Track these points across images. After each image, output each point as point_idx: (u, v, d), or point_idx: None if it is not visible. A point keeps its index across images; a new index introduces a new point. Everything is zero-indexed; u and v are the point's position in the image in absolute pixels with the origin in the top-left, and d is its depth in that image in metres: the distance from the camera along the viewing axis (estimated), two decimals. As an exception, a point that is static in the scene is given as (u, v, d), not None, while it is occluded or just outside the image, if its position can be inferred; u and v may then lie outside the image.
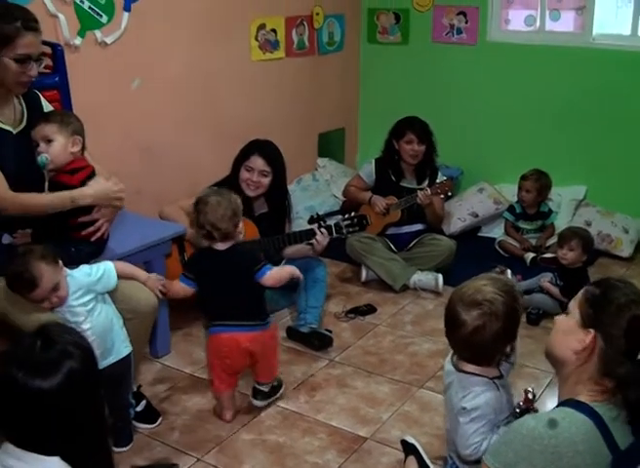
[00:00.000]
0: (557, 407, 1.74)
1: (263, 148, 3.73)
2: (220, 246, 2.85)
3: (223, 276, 2.85)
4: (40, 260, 2.38)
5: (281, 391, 3.15)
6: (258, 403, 3.09)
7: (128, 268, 2.74)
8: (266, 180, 3.69)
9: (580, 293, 1.80)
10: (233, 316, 2.87)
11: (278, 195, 3.80)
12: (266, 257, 3.02)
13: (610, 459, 1.60)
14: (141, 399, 2.96)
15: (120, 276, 2.65)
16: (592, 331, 1.70)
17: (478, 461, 1.82)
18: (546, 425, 1.60)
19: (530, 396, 2.04)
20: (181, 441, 2.86)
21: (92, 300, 2.56)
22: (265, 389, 3.09)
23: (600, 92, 4.91)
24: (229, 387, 3.00)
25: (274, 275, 2.92)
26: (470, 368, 2.02)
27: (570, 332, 1.76)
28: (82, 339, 1.69)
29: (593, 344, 1.70)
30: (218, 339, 2.89)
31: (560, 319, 1.85)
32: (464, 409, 1.95)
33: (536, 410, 2.02)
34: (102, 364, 2.56)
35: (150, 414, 2.97)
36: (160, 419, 2.97)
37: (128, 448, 2.77)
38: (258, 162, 3.68)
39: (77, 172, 2.66)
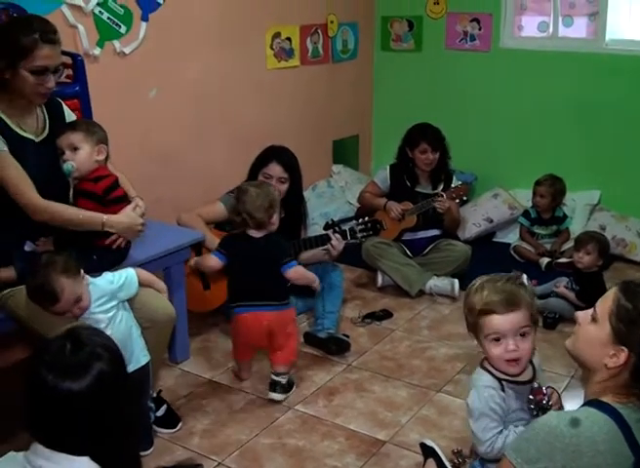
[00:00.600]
0: (581, 406, 1.75)
1: (281, 155, 3.77)
2: (255, 233, 3.15)
3: (254, 260, 3.13)
4: (61, 274, 2.39)
5: (294, 389, 3.26)
6: (276, 396, 3.18)
7: (146, 275, 2.78)
8: (284, 187, 3.72)
9: (609, 302, 1.75)
10: (256, 296, 3.13)
11: (295, 201, 3.82)
12: None
13: (632, 461, 1.60)
14: (162, 404, 2.99)
15: (139, 283, 2.68)
16: (625, 349, 1.69)
17: (498, 460, 1.84)
18: (569, 424, 1.61)
19: (535, 385, 2.03)
20: (202, 445, 2.89)
21: (114, 307, 2.59)
22: (283, 380, 3.20)
23: (613, 97, 4.92)
24: (248, 357, 3.34)
25: (299, 271, 3.24)
26: (486, 363, 2.03)
27: (601, 345, 1.74)
28: (110, 341, 1.72)
29: (626, 362, 1.69)
30: (241, 319, 3.15)
31: (586, 324, 1.81)
32: (467, 405, 1.97)
33: (548, 404, 2.00)
34: None
35: (171, 419, 3.00)
36: (180, 424, 3.00)
37: (149, 451, 2.80)
38: (276, 169, 3.71)
39: (101, 179, 2.71)
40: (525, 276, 4.16)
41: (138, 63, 3.87)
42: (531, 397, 2.01)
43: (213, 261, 3.22)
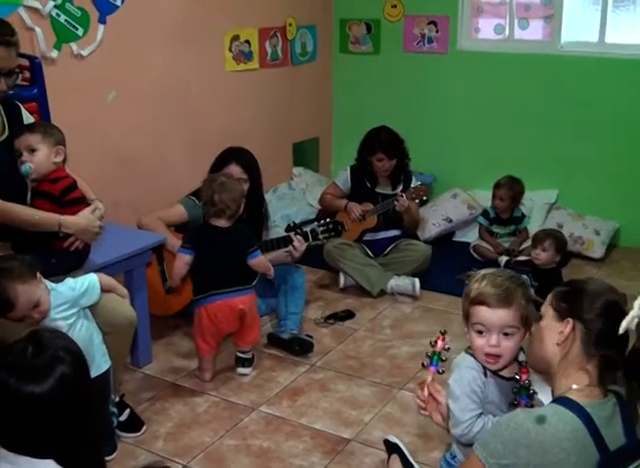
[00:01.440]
0: (549, 403, 1.78)
1: (240, 156, 3.78)
2: (223, 223, 3.27)
3: (224, 250, 3.26)
4: (15, 280, 2.34)
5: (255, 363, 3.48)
6: (244, 370, 3.41)
7: (108, 281, 2.74)
8: (244, 188, 3.72)
9: (548, 297, 1.87)
10: (229, 283, 3.26)
11: (255, 202, 3.83)
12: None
13: (597, 459, 1.63)
14: (125, 408, 2.97)
15: (101, 289, 2.65)
16: (570, 319, 1.76)
17: (471, 444, 1.85)
18: (535, 421, 1.64)
19: (520, 358, 2.06)
20: (166, 448, 2.88)
21: (74, 314, 2.55)
22: (249, 355, 3.44)
23: (569, 98, 5.03)
24: (213, 350, 3.36)
25: (262, 260, 3.41)
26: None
27: (548, 331, 1.82)
28: (73, 344, 1.70)
29: (573, 332, 1.76)
30: (214, 307, 3.25)
31: (534, 328, 1.90)
32: (449, 384, 1.99)
33: (529, 388, 2.03)
34: None
35: (134, 423, 2.98)
36: (144, 428, 2.98)
37: (113, 456, 2.78)
38: (235, 170, 3.71)
39: (59, 180, 2.68)
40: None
41: (96, 66, 3.84)
42: (516, 376, 2.04)
43: (181, 260, 3.26)
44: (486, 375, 1.98)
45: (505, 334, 1.93)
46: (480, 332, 1.95)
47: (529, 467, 1.62)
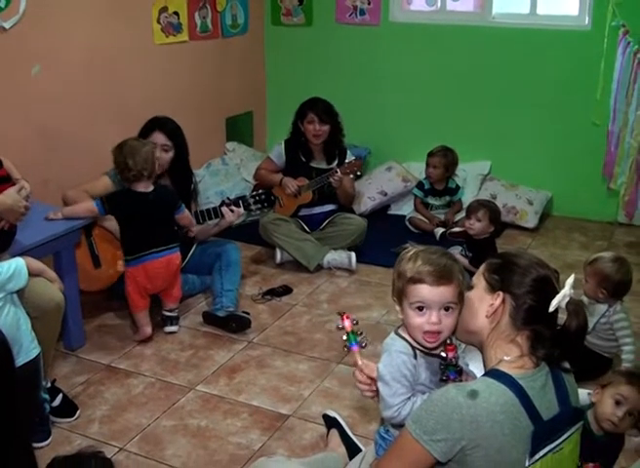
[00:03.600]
0: (480, 377, 1.78)
1: (163, 124, 3.70)
2: (145, 187, 3.34)
3: (153, 214, 3.35)
4: None
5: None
6: (172, 328, 3.55)
7: (36, 264, 2.66)
8: (169, 155, 3.66)
9: (481, 267, 1.86)
10: (161, 242, 3.39)
11: (182, 171, 3.76)
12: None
13: (531, 430, 1.64)
14: (57, 393, 2.89)
15: (29, 273, 2.56)
16: (500, 292, 1.76)
17: (402, 425, 1.85)
18: (466, 395, 1.63)
19: (448, 341, 2.06)
20: (102, 432, 2.82)
21: (1, 299, 2.46)
22: (176, 313, 3.58)
23: (501, 69, 5.07)
24: (146, 306, 3.48)
25: (187, 215, 3.59)
26: (403, 326, 2.03)
27: (478, 301, 1.81)
28: None
29: (502, 304, 1.76)
30: (153, 264, 3.38)
31: (465, 298, 1.87)
32: (378, 369, 1.97)
33: (457, 365, 2.03)
34: None
35: (68, 408, 2.90)
36: (78, 412, 2.91)
37: (47, 442, 2.72)
38: (159, 137, 3.63)
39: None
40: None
41: (19, 39, 3.67)
42: (442, 354, 2.03)
43: (88, 206, 3.30)
44: (416, 357, 1.97)
45: (446, 310, 1.93)
46: (421, 309, 1.93)
47: (462, 441, 1.62)
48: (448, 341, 2.01)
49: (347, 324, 2.10)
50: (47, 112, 3.91)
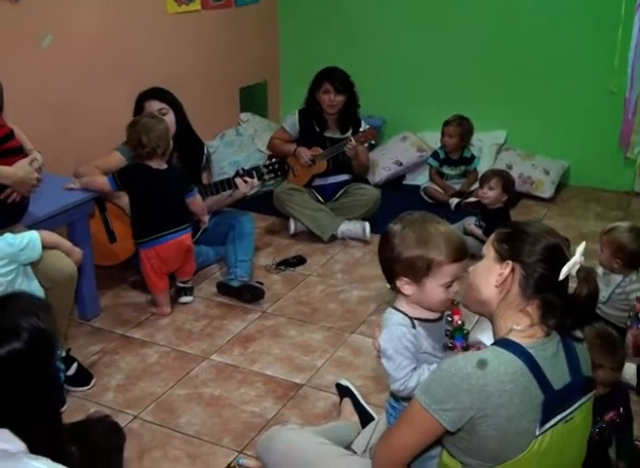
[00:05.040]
0: (490, 346, 1.77)
1: (153, 92, 3.68)
2: (158, 164, 3.30)
3: (165, 191, 3.31)
4: None
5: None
6: (187, 299, 3.56)
7: (51, 238, 2.66)
8: (169, 118, 3.61)
9: (491, 236, 1.83)
10: (175, 223, 3.37)
11: (185, 135, 3.72)
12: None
13: (542, 399, 1.63)
14: (72, 362, 2.91)
15: (43, 246, 2.57)
16: (510, 262, 1.73)
17: (410, 397, 1.85)
18: (475, 365, 1.63)
19: (455, 302, 2.06)
20: (117, 400, 2.85)
21: (13, 271, 2.47)
22: (190, 284, 3.59)
23: (518, 37, 4.99)
24: (166, 287, 3.48)
25: (199, 201, 3.54)
26: (398, 301, 2.03)
27: (487, 271, 1.78)
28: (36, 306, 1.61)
29: (512, 274, 1.73)
30: (165, 247, 3.35)
31: (474, 266, 1.85)
32: (380, 345, 1.97)
33: (463, 328, 2.03)
34: None
35: (83, 377, 2.93)
36: (93, 381, 2.94)
37: (61, 411, 2.73)
38: (153, 104, 3.63)
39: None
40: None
41: (30, 9, 3.64)
42: (448, 317, 2.03)
43: (101, 181, 3.31)
44: (414, 327, 1.97)
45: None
46: (449, 286, 1.94)
47: (471, 411, 1.62)
48: (455, 303, 2.02)
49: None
50: (58, 84, 3.90)
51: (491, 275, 1.77)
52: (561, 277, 1.67)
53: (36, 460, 1.46)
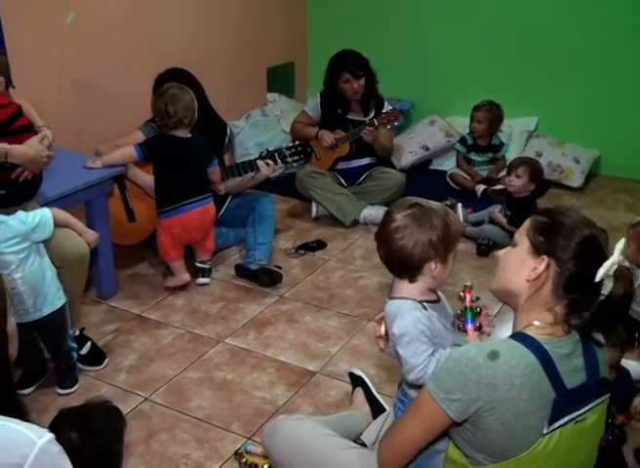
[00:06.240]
0: (505, 339, 1.71)
1: (174, 73, 3.60)
2: (183, 133, 3.30)
3: (190, 160, 3.32)
4: None
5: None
6: (204, 280, 3.54)
7: (62, 216, 2.65)
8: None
9: (525, 223, 1.74)
10: (198, 192, 3.37)
11: (205, 118, 3.62)
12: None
13: (553, 397, 1.58)
14: (86, 341, 2.91)
15: (55, 224, 2.56)
16: (545, 257, 1.65)
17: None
18: (486, 356, 1.58)
19: (468, 283, 2.04)
20: (129, 381, 2.84)
21: (25, 249, 2.47)
22: (208, 265, 3.55)
23: (550, 21, 4.87)
24: (180, 256, 3.46)
25: (217, 172, 3.52)
26: (399, 290, 1.98)
27: (521, 262, 1.70)
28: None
29: (547, 271, 1.65)
30: (189, 215, 3.34)
31: (506, 253, 1.78)
32: (394, 335, 1.92)
33: (474, 308, 2.00)
34: (36, 316, 2.54)
35: (96, 356, 2.92)
36: (106, 361, 2.93)
37: (73, 389, 2.75)
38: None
39: (2, 108, 2.55)
40: (460, 204, 4.18)
41: (53, -15, 3.63)
42: (461, 294, 2.00)
43: (127, 150, 3.30)
44: (426, 309, 1.93)
45: None
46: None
47: (478, 402, 1.57)
48: (465, 285, 1.99)
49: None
50: (81, 61, 3.88)
51: (523, 268, 1.69)
52: (597, 278, 1.59)
53: (3, 420, 1.43)
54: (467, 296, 2.01)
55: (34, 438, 1.34)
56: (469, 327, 1.99)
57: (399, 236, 1.90)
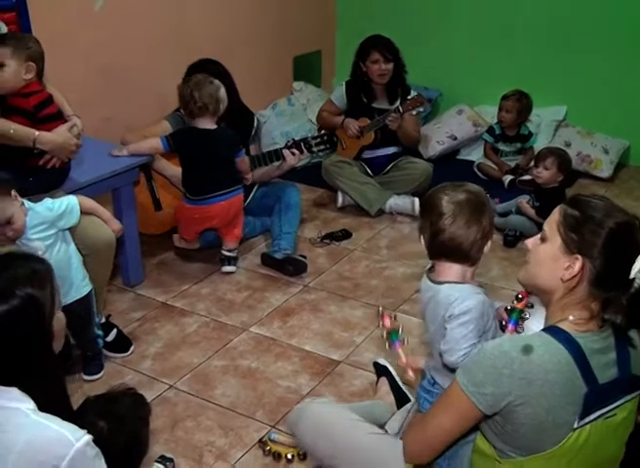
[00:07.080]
0: (538, 332, 1.68)
1: (205, 64, 3.60)
2: (209, 124, 3.29)
3: (216, 152, 3.31)
4: None
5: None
6: (230, 268, 3.54)
7: (88, 203, 2.66)
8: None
9: (555, 216, 1.68)
10: (225, 185, 3.36)
11: (234, 110, 3.62)
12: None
13: (584, 392, 1.55)
14: (112, 329, 2.93)
15: (81, 211, 2.57)
16: (579, 256, 1.60)
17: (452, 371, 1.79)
18: (520, 350, 1.55)
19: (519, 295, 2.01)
20: (154, 368, 2.86)
21: (52, 236, 2.49)
22: (234, 254, 3.55)
23: (580, 9, 4.79)
24: (196, 237, 3.54)
25: (245, 161, 3.53)
26: (451, 274, 1.95)
27: (553, 260, 1.65)
28: (40, 266, 1.62)
29: (582, 271, 1.61)
30: (212, 208, 3.35)
31: (536, 247, 1.72)
32: (451, 315, 1.88)
33: (523, 312, 1.99)
34: (62, 302, 2.52)
35: (122, 343, 2.95)
36: (132, 348, 2.96)
37: (99, 375, 2.78)
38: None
39: (31, 95, 2.57)
40: (487, 195, 4.12)
41: (82, -27, 3.64)
42: (519, 296, 2.00)
43: (153, 142, 3.29)
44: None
45: None
46: None
47: (510, 397, 1.55)
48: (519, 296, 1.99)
49: (387, 323, 2.08)
50: (110, 49, 3.88)
51: (557, 267, 1.64)
52: (632, 275, 1.55)
53: (46, 419, 1.46)
54: (524, 300, 1.97)
55: (72, 439, 1.41)
56: (510, 327, 1.96)
57: (458, 221, 1.89)
